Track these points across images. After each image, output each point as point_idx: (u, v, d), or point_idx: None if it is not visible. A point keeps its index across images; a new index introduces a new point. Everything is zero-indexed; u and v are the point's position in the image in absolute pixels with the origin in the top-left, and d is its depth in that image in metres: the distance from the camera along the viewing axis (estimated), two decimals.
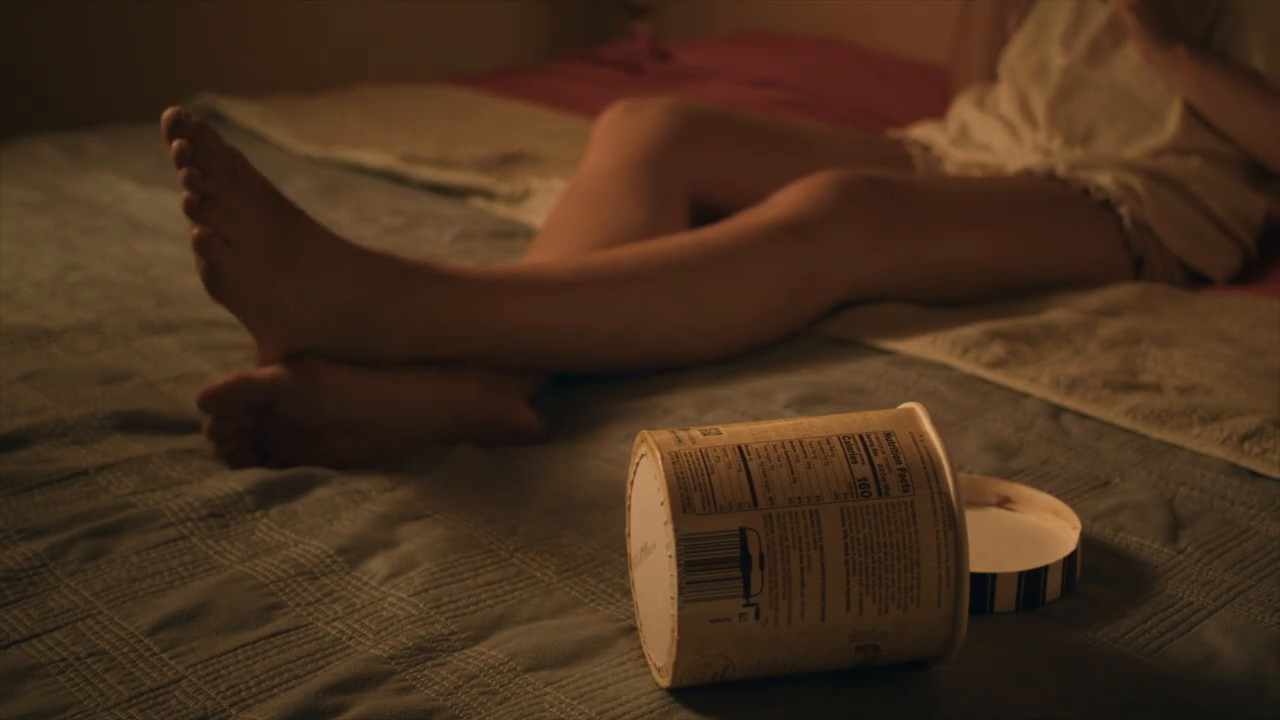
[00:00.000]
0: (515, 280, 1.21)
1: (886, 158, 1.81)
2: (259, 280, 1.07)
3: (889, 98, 2.39)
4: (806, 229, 1.35)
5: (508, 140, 2.14)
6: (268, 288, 1.07)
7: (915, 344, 1.31)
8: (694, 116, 1.64)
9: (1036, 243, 1.54)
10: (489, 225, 1.74)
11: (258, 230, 1.06)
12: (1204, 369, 1.29)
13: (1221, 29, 1.76)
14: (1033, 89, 1.82)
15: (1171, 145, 1.71)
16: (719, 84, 2.46)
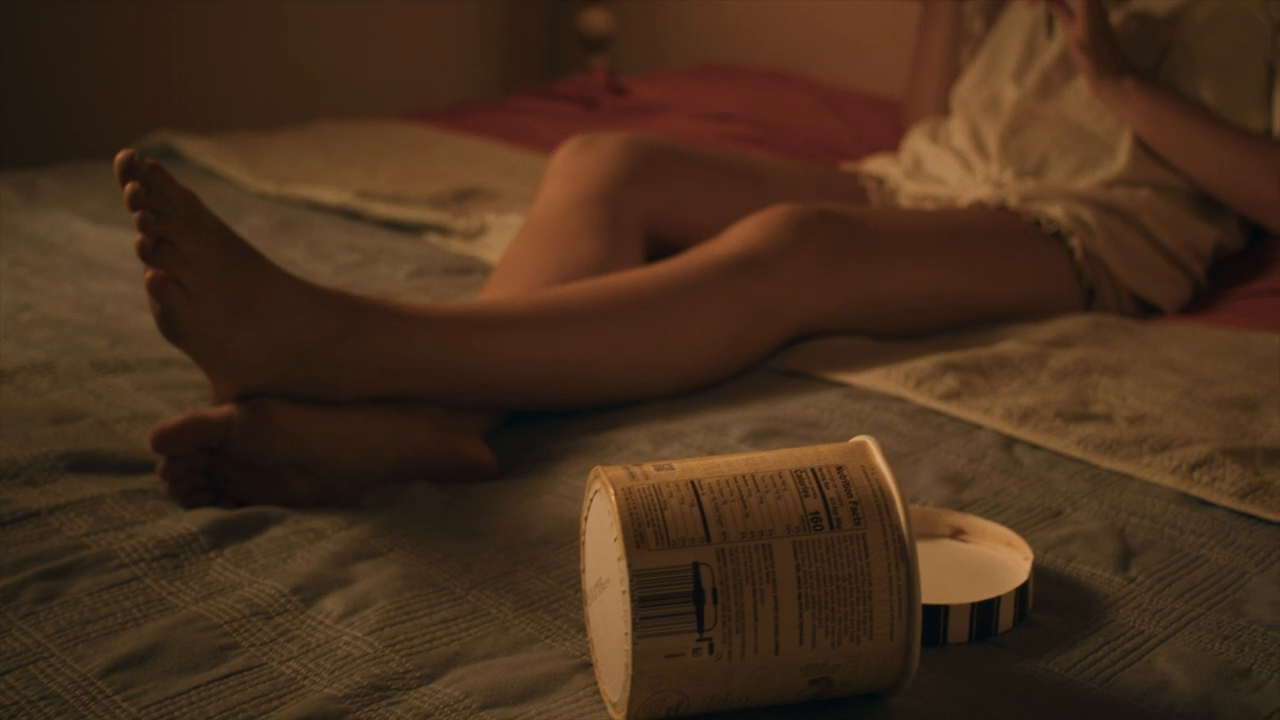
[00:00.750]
0: (469, 317, 1.21)
1: (841, 191, 1.82)
2: (215, 324, 1.07)
3: (844, 131, 2.40)
4: (760, 263, 1.36)
5: (464, 176, 2.14)
6: (223, 331, 1.07)
7: (869, 377, 1.32)
8: (649, 151, 1.65)
9: (988, 274, 1.55)
10: (445, 261, 1.74)
11: (213, 274, 1.06)
12: (1154, 399, 1.30)
13: (1169, 63, 1.79)
14: (985, 122, 1.84)
15: (1122, 177, 1.73)
16: (674, 118, 2.47)
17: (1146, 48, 1.80)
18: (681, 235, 1.62)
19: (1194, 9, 1.79)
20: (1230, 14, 1.78)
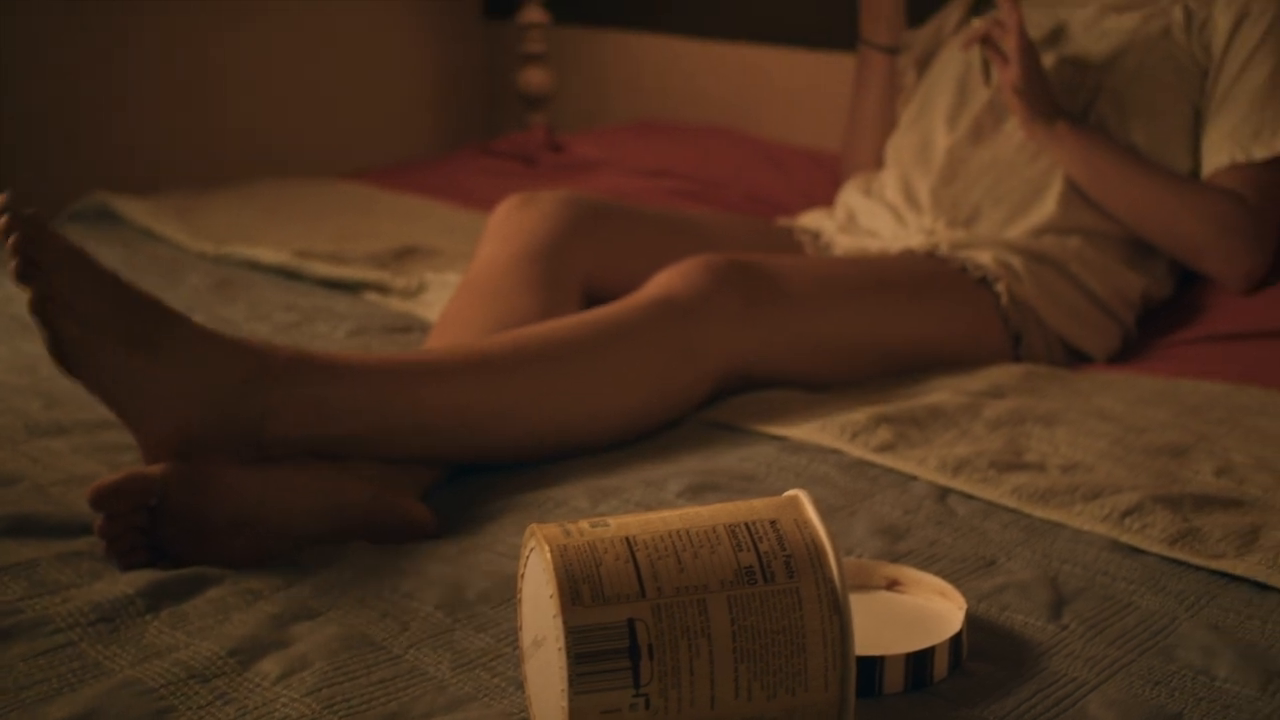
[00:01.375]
0: (396, 365, 1.22)
1: (777, 245, 1.85)
2: (112, 356, 1.06)
3: (781, 185, 2.43)
4: (680, 306, 1.39)
5: (403, 234, 2.15)
6: (124, 366, 1.07)
7: (805, 429, 1.33)
8: (586, 208, 1.67)
9: (911, 317, 1.58)
10: (384, 320, 1.74)
11: (105, 303, 1.06)
12: (1086, 447, 1.32)
13: (1100, 106, 1.82)
14: (916, 173, 1.86)
15: (1052, 224, 1.76)
16: (613, 174, 2.49)
17: (1078, 91, 1.84)
18: (619, 290, 1.63)
19: (1124, 54, 1.83)
20: (1158, 58, 1.82)
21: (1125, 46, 1.83)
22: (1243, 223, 1.73)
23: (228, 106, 3.03)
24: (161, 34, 2.90)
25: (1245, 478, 1.27)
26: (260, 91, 3.09)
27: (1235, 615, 1.02)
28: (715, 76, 3.05)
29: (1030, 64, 1.75)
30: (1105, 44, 1.85)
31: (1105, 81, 1.83)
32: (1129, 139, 1.80)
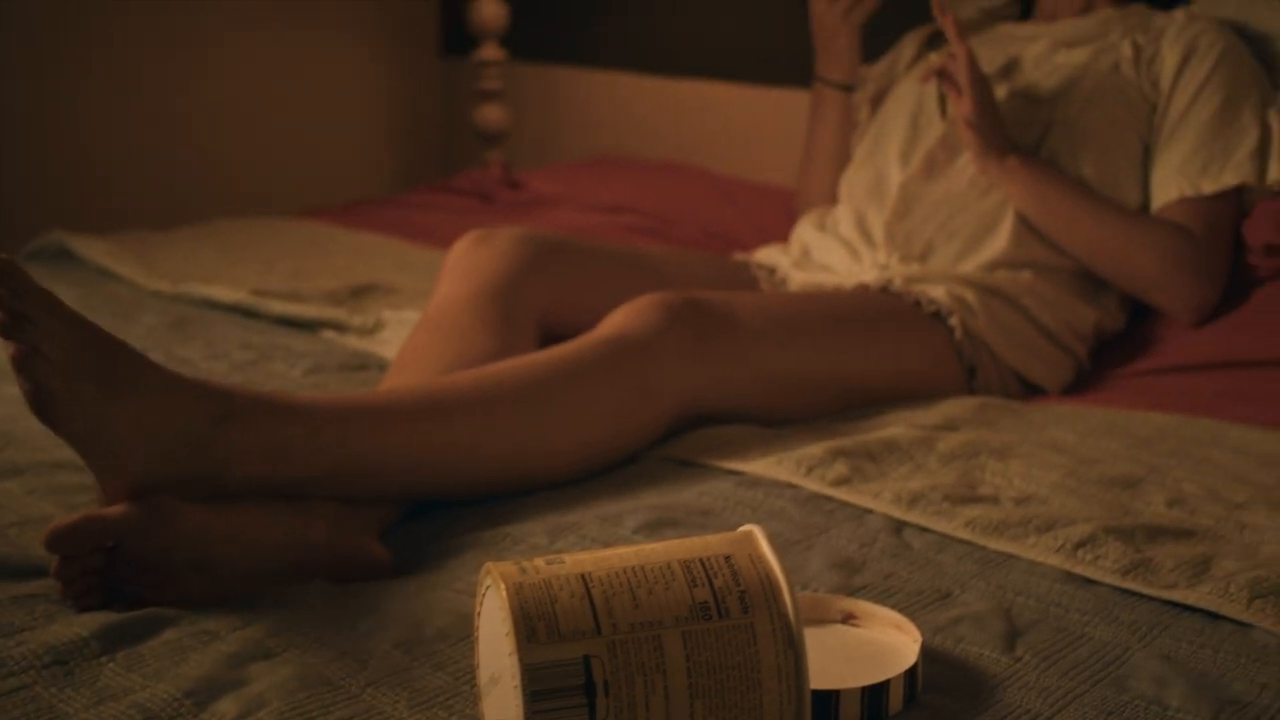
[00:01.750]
0: (356, 405, 1.22)
1: (733, 280, 1.86)
2: (90, 405, 1.06)
3: (737, 221, 2.44)
4: (634, 344, 1.40)
5: (360, 272, 2.15)
6: (100, 414, 1.07)
7: (761, 464, 1.34)
8: (543, 245, 1.67)
9: (866, 352, 1.59)
10: (341, 358, 1.74)
11: (81, 350, 1.06)
12: (1039, 479, 1.33)
13: (1051, 140, 1.85)
14: (870, 209, 1.88)
15: (1004, 258, 1.77)
16: (570, 211, 2.50)
17: (1029, 124, 1.86)
18: (576, 327, 1.64)
19: (1074, 88, 1.85)
20: (1108, 93, 1.84)
21: (1076, 81, 1.86)
22: (1192, 256, 1.76)
23: (185, 145, 3.03)
24: (119, 73, 2.90)
25: (1196, 508, 1.28)
26: (217, 130, 3.09)
27: (1187, 645, 1.03)
28: (671, 112, 3.07)
29: (983, 97, 1.77)
30: (1056, 78, 1.88)
31: (1056, 115, 1.85)
32: (1080, 173, 1.83)
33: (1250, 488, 1.34)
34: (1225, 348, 1.72)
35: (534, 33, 3.29)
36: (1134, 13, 1.97)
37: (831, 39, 2.05)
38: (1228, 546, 1.19)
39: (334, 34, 3.33)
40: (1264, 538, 1.22)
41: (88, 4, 2.83)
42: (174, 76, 3.02)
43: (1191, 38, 1.86)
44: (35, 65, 2.73)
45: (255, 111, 3.17)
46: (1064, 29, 1.96)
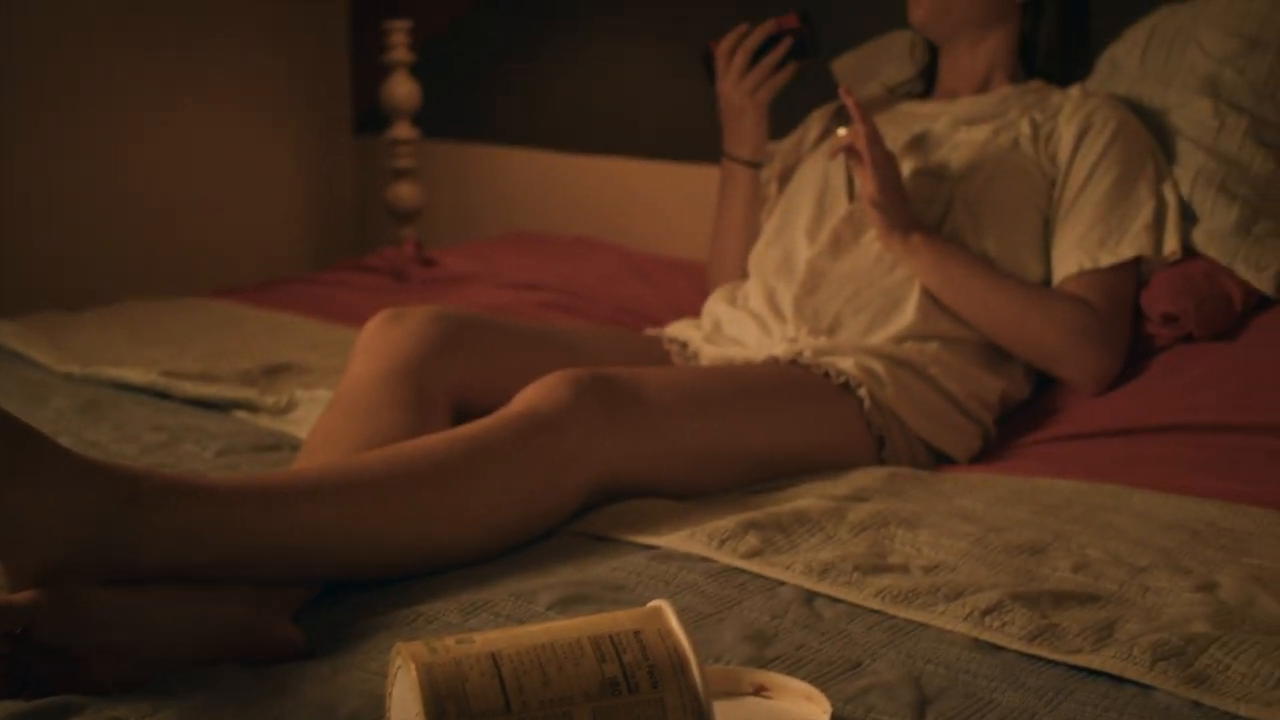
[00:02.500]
0: (265, 487, 1.22)
1: (646, 355, 1.87)
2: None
3: (650, 296, 2.47)
4: (544, 420, 1.41)
5: (273, 351, 2.15)
6: (8, 499, 1.06)
7: (674, 538, 1.35)
8: (455, 323, 1.68)
9: (776, 424, 1.61)
10: (253, 439, 1.74)
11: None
12: (948, 548, 1.35)
13: (954, 217, 1.88)
14: (780, 283, 1.91)
15: (911, 331, 1.81)
16: (483, 288, 2.51)
17: (932, 201, 1.90)
18: (490, 405, 1.64)
19: (976, 165, 1.90)
20: (1008, 169, 1.89)
21: (977, 158, 1.90)
22: (1092, 328, 1.80)
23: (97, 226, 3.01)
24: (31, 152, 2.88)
25: (1101, 573, 1.31)
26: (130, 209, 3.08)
27: (1092, 709, 1.05)
28: (583, 188, 3.10)
29: (887, 176, 1.81)
30: (958, 156, 1.92)
31: (959, 192, 1.89)
32: (983, 248, 1.87)
33: (1152, 551, 1.36)
34: (1127, 415, 1.76)
35: (446, 111, 3.31)
36: (1032, 90, 2.02)
37: (739, 117, 2.08)
38: (1131, 610, 1.22)
39: (248, 113, 3.34)
40: (1166, 601, 1.24)
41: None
42: (86, 156, 3.00)
43: (1087, 114, 1.91)
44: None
45: (168, 191, 3.16)
46: (964, 107, 2.01)
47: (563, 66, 3.16)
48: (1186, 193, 1.92)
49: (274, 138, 3.41)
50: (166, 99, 3.17)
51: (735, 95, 2.06)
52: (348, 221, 3.57)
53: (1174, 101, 2.02)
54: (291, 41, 3.42)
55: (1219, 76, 2.01)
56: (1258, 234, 1.89)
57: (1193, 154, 1.95)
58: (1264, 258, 1.88)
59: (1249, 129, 1.96)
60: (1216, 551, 1.37)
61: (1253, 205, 1.91)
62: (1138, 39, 2.12)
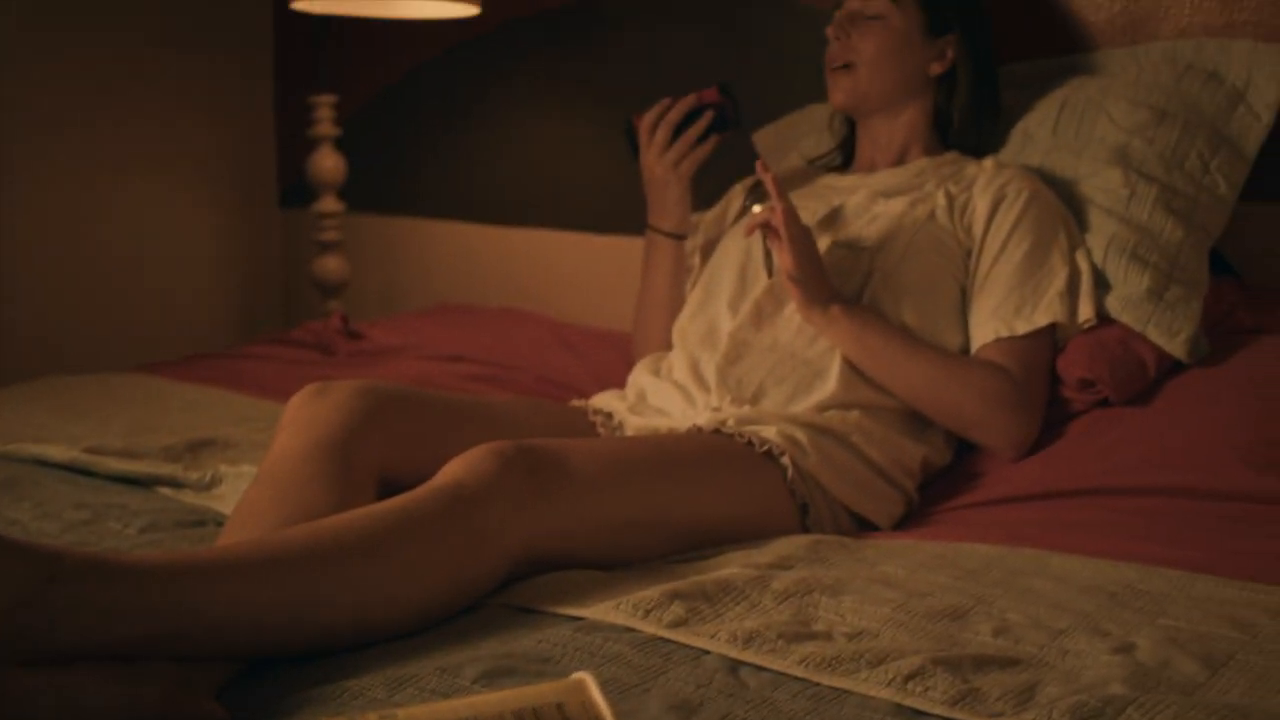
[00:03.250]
0: (189, 563, 1.22)
1: (571, 426, 1.88)
2: None
3: (576, 367, 2.48)
4: (468, 493, 1.41)
5: (198, 427, 2.14)
6: None
7: (599, 609, 1.35)
8: (381, 397, 1.69)
9: (699, 493, 1.62)
10: (177, 515, 1.73)
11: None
12: (871, 614, 1.36)
13: (872, 287, 1.91)
14: (703, 354, 1.93)
15: (833, 400, 1.83)
16: (410, 360, 2.52)
17: (851, 273, 1.93)
18: (416, 478, 1.64)
19: (893, 237, 1.93)
20: (925, 241, 1.92)
21: (894, 230, 1.94)
22: (1009, 395, 1.83)
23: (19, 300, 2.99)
24: None
25: (1021, 637, 1.32)
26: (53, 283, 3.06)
27: None
28: (509, 260, 3.12)
29: (804, 251, 1.84)
30: (875, 228, 1.95)
31: (876, 264, 1.92)
32: (901, 318, 1.90)
33: (1071, 615, 1.38)
34: (1045, 479, 1.79)
35: (372, 184, 3.32)
36: (947, 162, 2.06)
37: (662, 190, 2.11)
38: (1051, 673, 1.23)
39: (174, 187, 3.33)
40: (1085, 663, 1.26)
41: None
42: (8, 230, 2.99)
43: (1000, 186, 1.95)
44: None
45: (92, 265, 3.15)
46: (882, 180, 2.05)
47: (487, 139, 3.19)
48: (1099, 260, 1.96)
49: (199, 211, 3.41)
50: (91, 173, 3.16)
51: (658, 169, 2.09)
52: (274, 295, 3.57)
53: (1085, 171, 2.07)
54: (217, 115, 3.43)
55: (1128, 147, 2.06)
56: (1169, 300, 1.93)
57: (1105, 222, 2.00)
58: (1176, 323, 1.92)
59: (1159, 197, 2.01)
60: (1134, 614, 1.39)
61: (1164, 272, 1.95)
62: (1049, 111, 2.17)
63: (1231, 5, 2.19)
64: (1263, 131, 2.10)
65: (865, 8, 2.06)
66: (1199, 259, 2.00)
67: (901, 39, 2.05)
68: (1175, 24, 2.25)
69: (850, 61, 2.06)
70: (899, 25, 2.05)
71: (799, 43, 2.59)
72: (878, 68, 2.05)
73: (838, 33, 2.07)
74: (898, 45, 2.05)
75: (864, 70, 2.05)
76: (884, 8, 2.05)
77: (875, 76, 2.05)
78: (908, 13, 2.05)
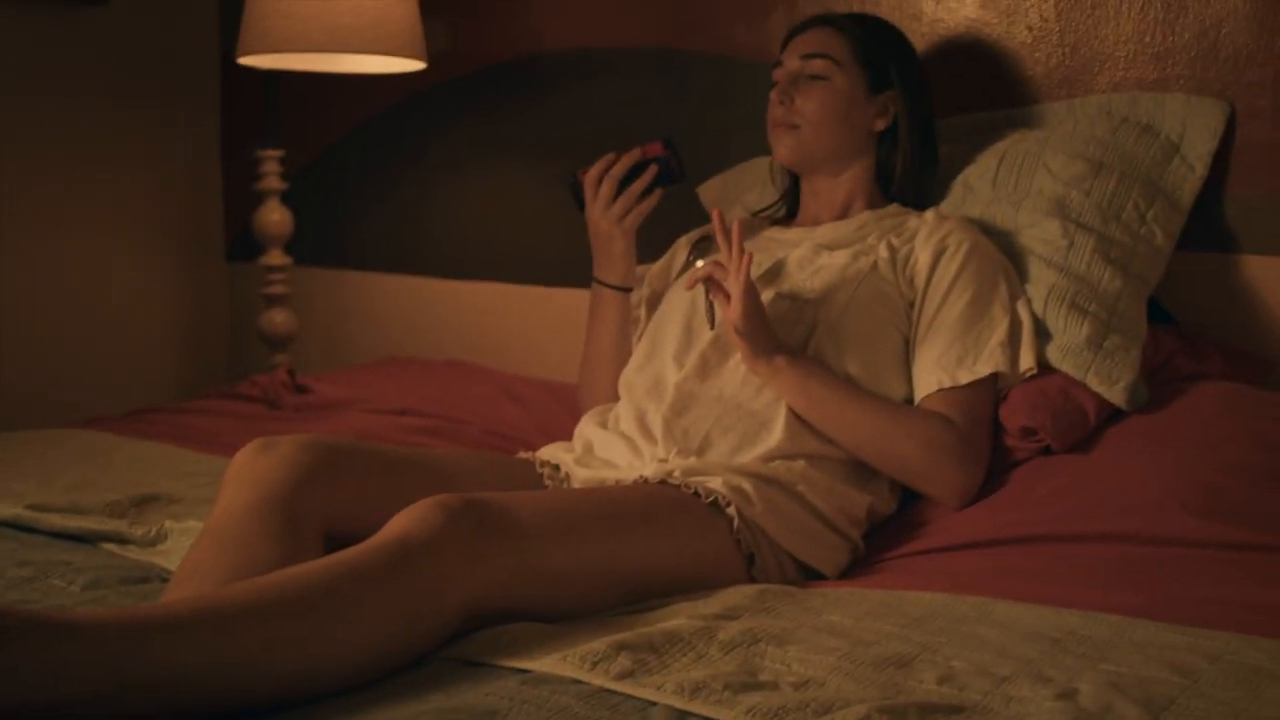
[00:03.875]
0: (134, 620, 1.21)
1: (519, 479, 1.89)
2: None
3: (523, 419, 2.48)
4: (414, 547, 1.41)
5: (143, 482, 2.12)
6: None
7: (546, 661, 1.35)
8: (327, 452, 1.68)
9: (645, 544, 1.63)
10: (122, 571, 1.72)
11: None
12: (817, 663, 1.37)
13: (816, 339, 1.93)
14: (650, 406, 1.94)
15: (779, 451, 1.84)
16: (356, 414, 2.51)
17: (795, 325, 1.95)
18: (363, 533, 1.63)
19: (836, 289, 1.95)
20: (868, 293, 1.95)
21: (837, 282, 1.96)
22: (953, 445, 1.85)
23: None
24: None
25: (965, 684, 1.33)
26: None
27: None
28: (455, 313, 3.12)
29: (750, 304, 1.85)
30: (819, 280, 1.97)
31: (821, 316, 1.94)
32: (845, 369, 1.91)
33: (1015, 661, 1.39)
34: (989, 526, 1.81)
35: (319, 238, 3.33)
36: (889, 214, 2.09)
37: (607, 244, 2.12)
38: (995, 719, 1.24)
39: (121, 241, 3.33)
40: (1028, 710, 1.27)
41: None
42: None
43: (941, 238, 1.98)
44: None
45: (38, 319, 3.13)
46: (825, 233, 2.08)
47: (434, 193, 3.20)
48: (1040, 310, 1.99)
49: (146, 265, 3.40)
50: (38, 226, 3.15)
51: (603, 223, 2.10)
52: (221, 349, 3.56)
53: (1025, 222, 2.10)
54: (164, 169, 3.42)
55: (1066, 198, 2.09)
56: (1108, 348, 1.96)
57: (1044, 272, 2.03)
58: (1115, 371, 1.94)
59: (1097, 247, 2.04)
60: (1076, 659, 1.40)
61: (1103, 320, 1.98)
62: (989, 163, 2.21)
63: (1164, 60, 2.24)
64: (1197, 183, 2.14)
65: (806, 67, 2.09)
66: (1137, 308, 2.04)
67: (845, 99, 2.08)
68: (1110, 78, 2.29)
69: (795, 123, 2.08)
70: (842, 86, 2.08)
71: (741, 96, 2.62)
72: (822, 128, 2.08)
73: (781, 96, 2.10)
74: (841, 105, 2.08)
75: (808, 130, 2.08)
76: (826, 68, 2.08)
77: (820, 136, 2.08)
78: (849, 72, 2.08)
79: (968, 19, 2.43)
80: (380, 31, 2.74)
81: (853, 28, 2.11)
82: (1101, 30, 2.30)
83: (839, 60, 2.08)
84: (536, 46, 2.99)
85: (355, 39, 2.72)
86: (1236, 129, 2.18)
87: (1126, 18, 2.27)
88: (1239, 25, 2.17)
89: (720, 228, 1.89)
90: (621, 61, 2.87)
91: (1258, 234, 2.18)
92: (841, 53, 2.08)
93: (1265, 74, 2.15)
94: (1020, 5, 2.37)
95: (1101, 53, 2.30)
